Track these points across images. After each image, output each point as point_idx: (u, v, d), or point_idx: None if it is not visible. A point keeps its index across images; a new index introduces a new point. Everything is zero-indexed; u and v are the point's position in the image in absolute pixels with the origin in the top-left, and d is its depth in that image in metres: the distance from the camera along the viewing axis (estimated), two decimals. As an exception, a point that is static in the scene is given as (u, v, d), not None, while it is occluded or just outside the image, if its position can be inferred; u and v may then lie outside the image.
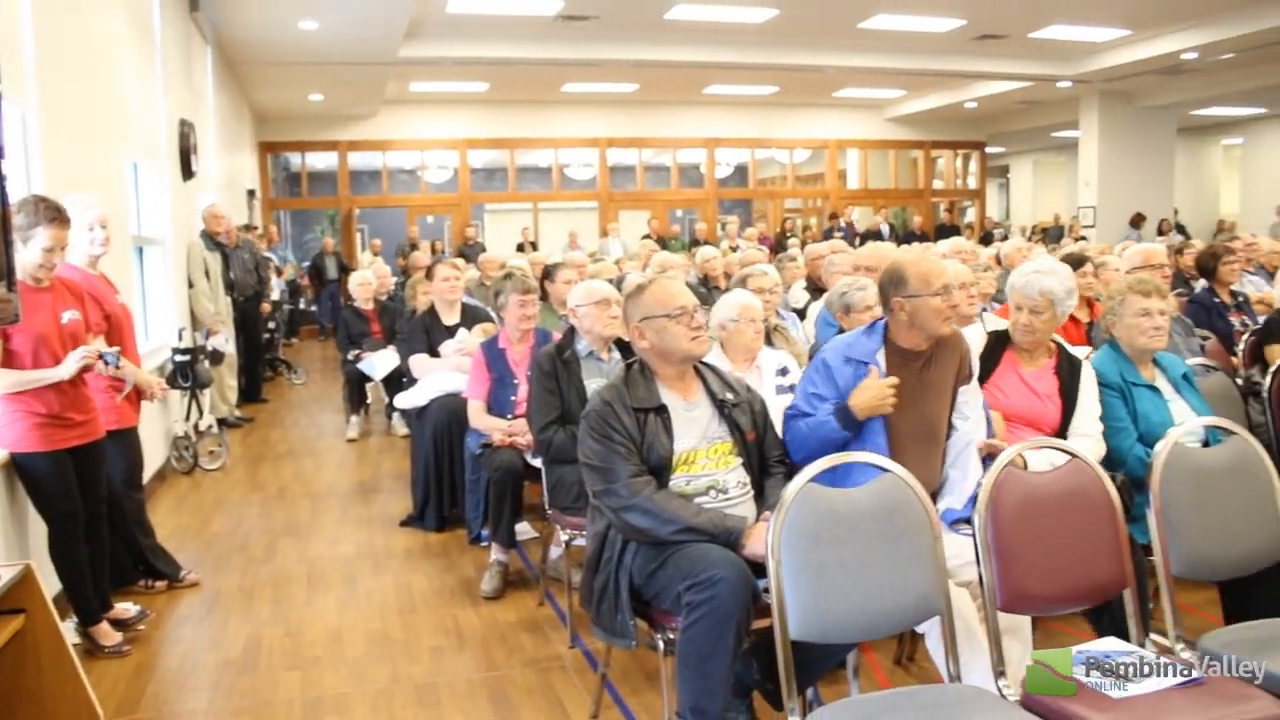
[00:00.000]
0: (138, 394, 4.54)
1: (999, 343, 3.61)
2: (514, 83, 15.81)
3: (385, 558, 5.26)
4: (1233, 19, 12.60)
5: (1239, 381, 4.58)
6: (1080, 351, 3.57)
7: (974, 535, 2.58)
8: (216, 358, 7.94)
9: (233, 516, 6.09)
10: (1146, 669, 2.42)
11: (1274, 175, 20.24)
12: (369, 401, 8.85)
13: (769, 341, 4.82)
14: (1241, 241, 7.73)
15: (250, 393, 10.00)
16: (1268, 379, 4.25)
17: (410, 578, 4.93)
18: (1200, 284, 6.44)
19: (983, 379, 3.52)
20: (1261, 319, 5.54)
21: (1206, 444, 3.27)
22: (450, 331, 5.94)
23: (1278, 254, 8.04)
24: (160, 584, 4.76)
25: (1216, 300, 5.98)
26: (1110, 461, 3.37)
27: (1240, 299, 6.15)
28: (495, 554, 4.71)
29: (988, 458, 3.22)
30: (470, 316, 6.07)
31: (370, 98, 15.67)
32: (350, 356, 8.21)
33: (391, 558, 5.25)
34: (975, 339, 3.65)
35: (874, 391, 3.07)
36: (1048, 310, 3.48)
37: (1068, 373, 3.49)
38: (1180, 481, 2.82)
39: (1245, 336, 5.38)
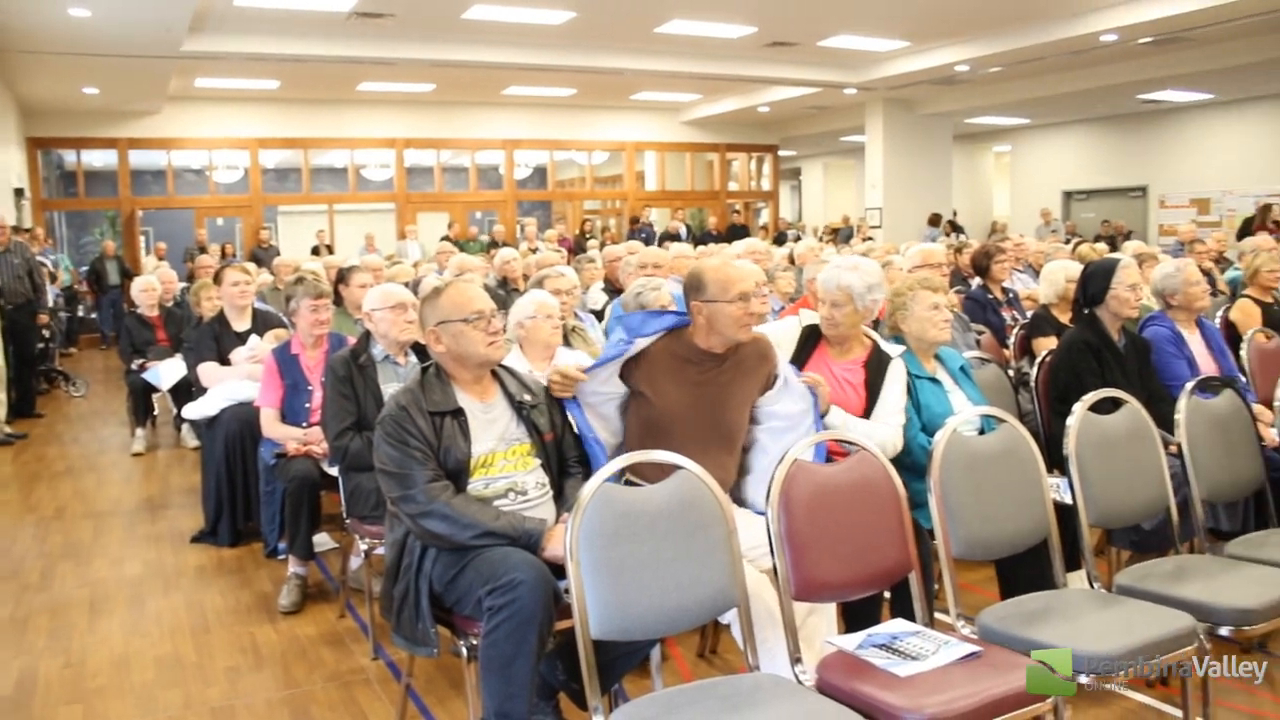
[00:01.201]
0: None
1: (813, 336, 3.72)
2: (307, 81, 15.35)
3: (176, 577, 5.02)
4: (998, 36, 13.51)
5: (1010, 373, 4.89)
6: (895, 349, 3.70)
7: (766, 527, 2.66)
8: (-19, 370, 7.42)
9: (3, 541, 5.69)
10: (931, 647, 2.55)
11: (1038, 181, 21.75)
12: (156, 413, 8.43)
13: (567, 342, 4.85)
14: (1011, 242, 8.25)
15: (22, 407, 9.36)
16: (1035, 370, 4.55)
17: (203, 596, 4.73)
18: (975, 281, 6.83)
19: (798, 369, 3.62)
20: (1029, 314, 5.91)
21: (982, 432, 3.46)
22: (241, 338, 5.74)
23: (1043, 253, 8.63)
24: (-82, 618, 4.41)
25: (990, 296, 6.36)
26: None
27: (1011, 295, 6.56)
28: (293, 567, 4.57)
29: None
30: (261, 322, 5.87)
31: (152, 93, 14.88)
32: (134, 366, 7.81)
33: (183, 576, 5.02)
34: (789, 332, 3.76)
35: (564, 368, 3.23)
36: (847, 304, 3.59)
37: (875, 366, 3.60)
38: (958, 468, 2.97)
39: (1015, 331, 5.72)
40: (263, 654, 4.06)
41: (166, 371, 7.39)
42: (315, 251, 15.51)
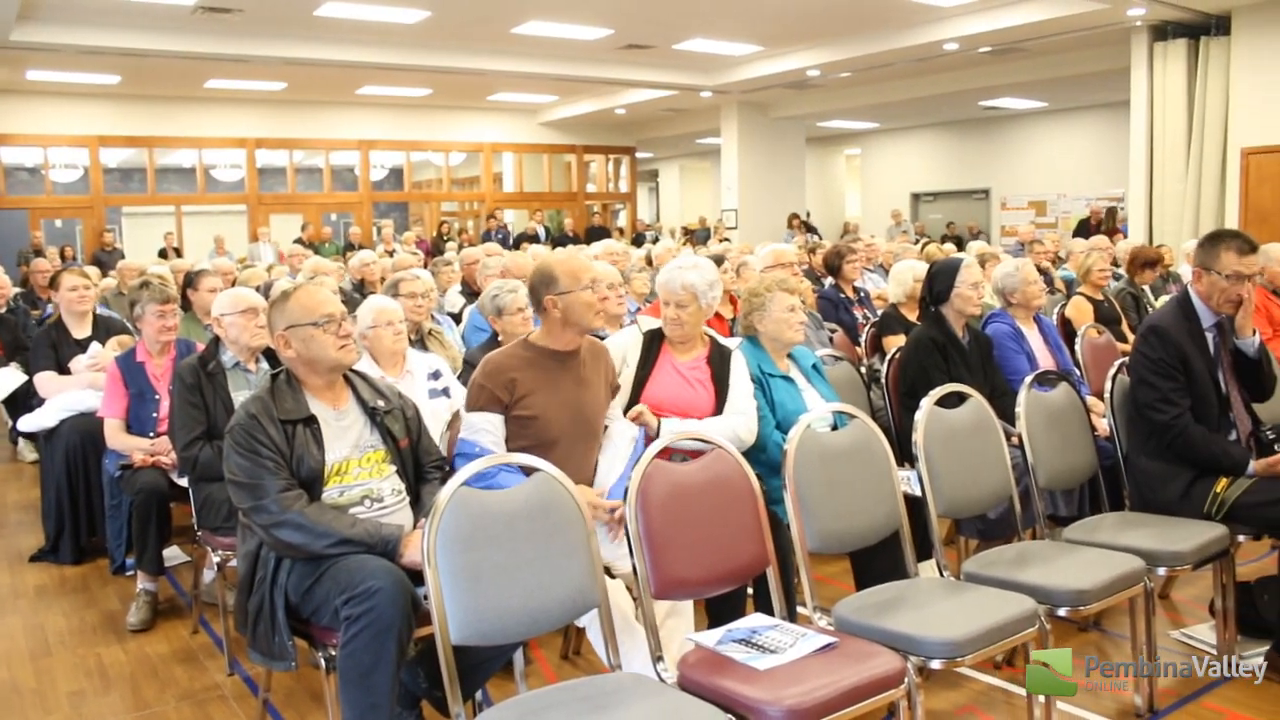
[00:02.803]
0: None
1: (654, 340, 3.77)
2: (151, 76, 14.75)
3: (13, 598, 4.77)
4: (847, 42, 13.93)
5: (862, 370, 5.03)
6: (732, 343, 3.79)
7: (625, 528, 2.68)
8: None
9: None
10: (789, 639, 2.61)
11: (887, 183, 22.45)
12: (-12, 426, 8.02)
13: (424, 346, 4.79)
14: (863, 242, 8.50)
15: None
16: (885, 367, 4.70)
17: (44, 618, 4.50)
18: (828, 281, 7.01)
19: (644, 376, 3.67)
20: (880, 312, 6.09)
21: (835, 428, 3.55)
22: (81, 345, 5.49)
23: (893, 254, 8.91)
24: None
25: (842, 296, 6.53)
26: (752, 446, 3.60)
27: (862, 294, 6.76)
28: (142, 583, 4.41)
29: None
30: (103, 329, 5.64)
31: (-24, 86, 14.13)
32: (-38, 377, 7.40)
33: (20, 598, 4.77)
34: (632, 341, 3.80)
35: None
36: (692, 303, 3.65)
37: (719, 361, 3.68)
38: (812, 464, 3.04)
39: (866, 329, 5.89)
40: (110, 675, 3.89)
41: (1, 381, 7.03)
42: (163, 254, 14.96)
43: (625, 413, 3.56)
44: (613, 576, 2.94)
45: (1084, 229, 14.86)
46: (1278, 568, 3.45)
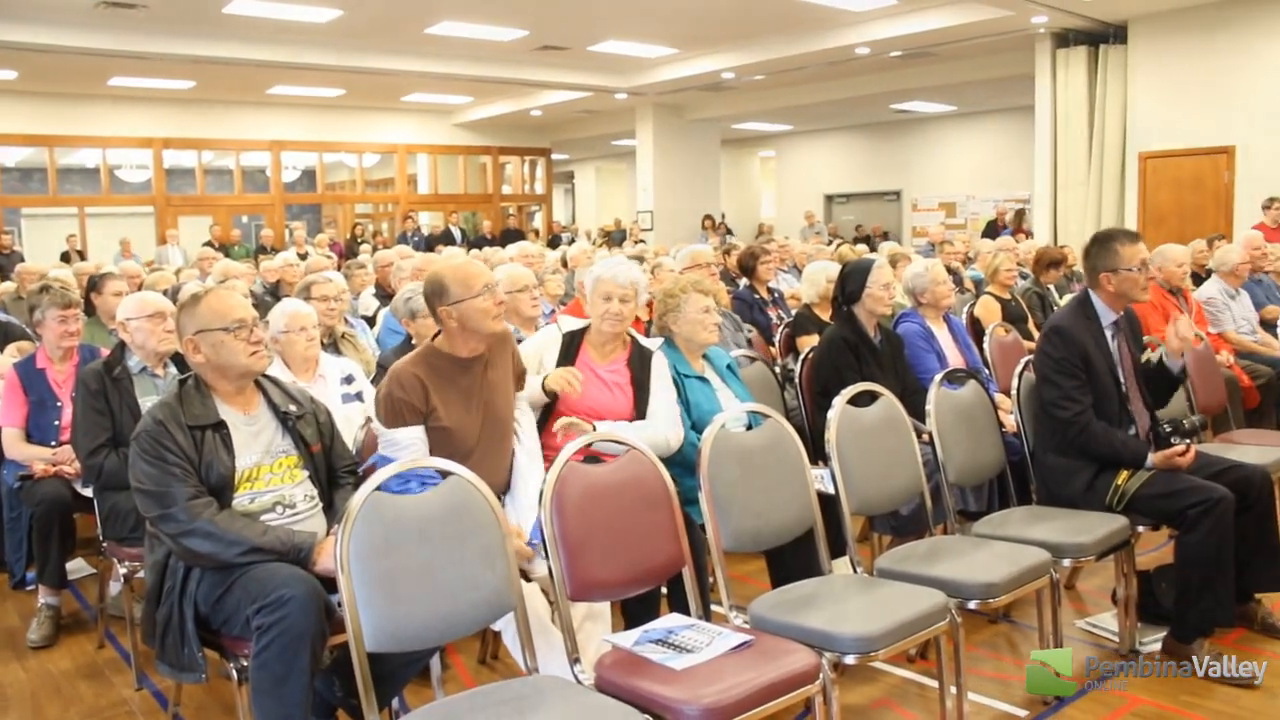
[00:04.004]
0: None
1: (573, 342, 3.75)
2: (51, 73, 14.32)
3: (-96, 616, 4.60)
4: (761, 45, 14.08)
5: (776, 370, 5.08)
6: (653, 344, 3.78)
7: (539, 530, 2.68)
8: None
9: None
10: (705, 639, 2.62)
11: (801, 184, 22.74)
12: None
13: (337, 350, 4.73)
14: (776, 243, 8.59)
15: None
16: (799, 366, 4.75)
17: (-63, 636, 4.35)
18: (743, 282, 7.07)
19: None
20: (794, 313, 6.16)
21: (750, 428, 3.58)
22: (-23, 353, 5.32)
23: (806, 254, 9.02)
24: None
25: (756, 296, 6.60)
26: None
27: (776, 295, 6.83)
28: (44, 597, 4.27)
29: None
30: (2, 334, 5.46)
31: None
32: None
33: (-88, 615, 4.61)
34: (550, 341, 3.78)
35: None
36: (634, 298, 3.68)
37: (638, 364, 3.67)
38: (726, 464, 3.07)
39: (780, 329, 5.95)
40: (9, 695, 3.76)
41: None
42: (65, 258, 14.52)
43: (551, 422, 3.53)
44: (528, 580, 2.94)
45: (992, 230, 15.21)
46: (1174, 557, 3.55)
